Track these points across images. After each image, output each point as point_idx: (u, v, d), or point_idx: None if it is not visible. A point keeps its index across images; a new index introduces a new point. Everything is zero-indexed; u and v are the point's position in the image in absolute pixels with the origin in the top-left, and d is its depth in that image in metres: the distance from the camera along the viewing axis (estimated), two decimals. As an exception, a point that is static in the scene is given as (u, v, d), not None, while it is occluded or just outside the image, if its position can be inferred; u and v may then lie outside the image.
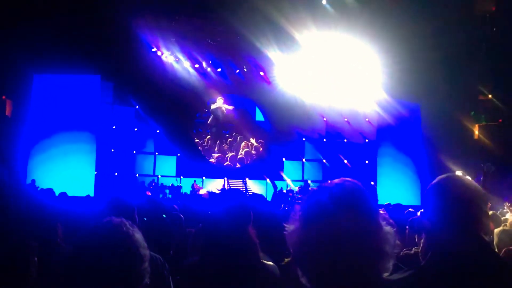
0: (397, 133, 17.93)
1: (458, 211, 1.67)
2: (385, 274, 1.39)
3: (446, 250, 1.66)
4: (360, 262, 1.32)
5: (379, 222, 1.39)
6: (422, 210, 1.95)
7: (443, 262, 1.64)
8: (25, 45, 14.61)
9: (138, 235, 1.53)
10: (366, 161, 19.05)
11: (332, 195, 1.38)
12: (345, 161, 19.39)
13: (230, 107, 20.45)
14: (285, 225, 1.45)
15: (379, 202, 14.13)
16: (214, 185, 18.88)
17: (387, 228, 1.39)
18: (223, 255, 2.32)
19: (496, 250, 3.68)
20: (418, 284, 1.59)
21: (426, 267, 1.69)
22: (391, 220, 1.47)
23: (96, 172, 16.71)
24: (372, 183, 18.20)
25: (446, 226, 1.67)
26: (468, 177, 1.80)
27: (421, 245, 3.39)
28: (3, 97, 16.16)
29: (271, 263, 2.44)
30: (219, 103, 20.27)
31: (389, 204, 9.02)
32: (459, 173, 12.74)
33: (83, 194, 12.34)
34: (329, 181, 1.46)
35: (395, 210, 6.81)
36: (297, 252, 1.40)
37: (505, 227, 4.44)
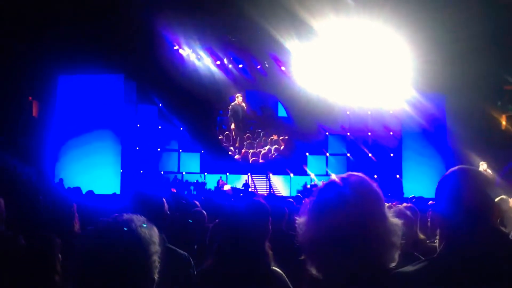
0: (422, 125, 17.69)
1: (471, 201, 1.66)
2: (392, 264, 1.42)
3: (459, 241, 1.65)
4: (365, 251, 1.37)
5: (384, 213, 1.43)
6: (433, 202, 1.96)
7: (456, 254, 1.62)
8: (50, 47, 14.91)
9: (147, 230, 1.52)
10: (391, 154, 18.87)
11: (338, 189, 1.43)
12: (370, 154, 19.23)
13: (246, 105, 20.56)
14: (296, 217, 1.50)
15: (405, 195, 14.02)
16: (239, 182, 18.98)
17: (394, 220, 1.43)
18: (236, 262, 2.32)
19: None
20: (431, 276, 1.59)
21: (438, 259, 1.68)
22: (408, 213, 1.50)
23: (121, 170, 16.96)
24: (398, 176, 18.03)
25: (459, 217, 1.66)
26: (482, 169, 1.77)
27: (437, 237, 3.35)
28: (30, 98, 16.54)
29: (280, 271, 2.47)
30: (238, 100, 20.32)
31: (413, 197, 8.93)
32: (483, 164, 12.53)
33: (109, 192, 12.55)
34: (336, 176, 1.50)
35: (419, 203, 6.73)
36: (306, 242, 1.45)
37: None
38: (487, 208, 1.67)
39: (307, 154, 20.12)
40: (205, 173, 19.27)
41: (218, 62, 19.44)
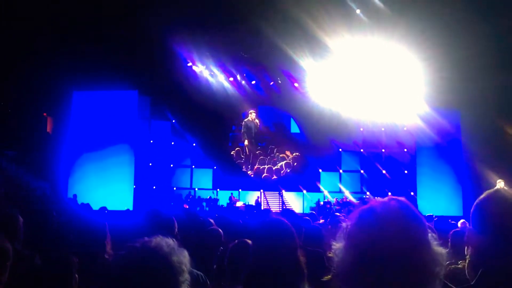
0: (436, 141, 17.53)
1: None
2: None
3: (499, 270, 1.56)
4: (408, 283, 1.27)
5: (428, 242, 1.33)
6: (466, 224, 1.84)
7: (495, 283, 1.53)
8: (65, 64, 15.07)
9: (177, 258, 1.47)
10: (405, 171, 18.67)
11: (379, 215, 1.34)
12: (384, 171, 19.05)
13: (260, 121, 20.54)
14: (332, 243, 1.42)
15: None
16: (251, 198, 18.87)
17: (438, 249, 1.33)
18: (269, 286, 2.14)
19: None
20: None
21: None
22: (434, 234, 1.41)
23: (134, 186, 16.96)
24: (412, 193, 17.81)
25: (500, 244, 1.56)
26: (499, 187, 1.67)
27: (467, 261, 3.19)
28: (44, 114, 16.69)
29: None
30: (252, 117, 20.31)
31: (431, 216, 8.78)
32: (501, 182, 12.31)
33: (122, 208, 12.54)
34: (376, 199, 1.42)
35: (440, 222, 6.60)
36: (343, 271, 1.36)
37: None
38: None
39: (320, 170, 19.98)
40: (218, 189, 19.21)
41: (231, 79, 19.51)
